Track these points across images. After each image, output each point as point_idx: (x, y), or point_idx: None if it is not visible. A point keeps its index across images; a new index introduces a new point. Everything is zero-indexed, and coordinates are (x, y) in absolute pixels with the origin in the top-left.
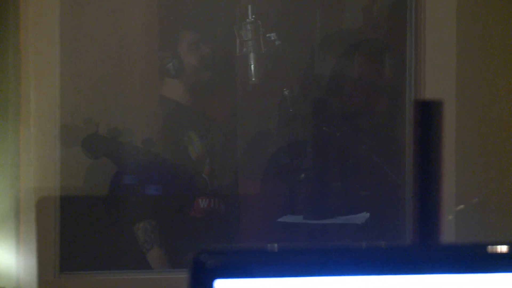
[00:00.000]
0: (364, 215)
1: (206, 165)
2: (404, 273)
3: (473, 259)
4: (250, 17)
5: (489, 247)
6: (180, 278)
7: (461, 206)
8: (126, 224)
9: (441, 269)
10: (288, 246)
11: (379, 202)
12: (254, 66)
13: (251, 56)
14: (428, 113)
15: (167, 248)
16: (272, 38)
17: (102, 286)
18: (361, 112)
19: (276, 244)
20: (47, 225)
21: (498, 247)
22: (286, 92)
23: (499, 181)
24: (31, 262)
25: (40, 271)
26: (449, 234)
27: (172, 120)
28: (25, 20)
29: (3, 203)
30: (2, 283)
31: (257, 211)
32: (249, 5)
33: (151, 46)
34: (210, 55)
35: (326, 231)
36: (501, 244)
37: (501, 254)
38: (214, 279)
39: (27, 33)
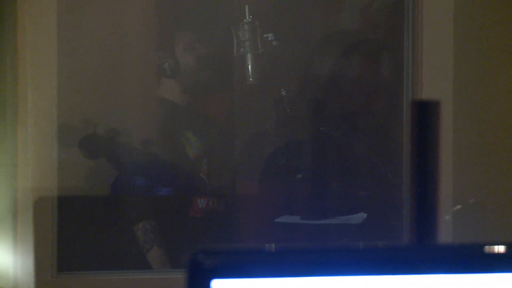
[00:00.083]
0: (361, 215)
1: (204, 165)
2: (401, 273)
3: (470, 259)
4: (247, 17)
5: (486, 247)
6: (179, 278)
7: (458, 206)
8: (124, 224)
9: (438, 269)
10: (286, 246)
11: (376, 202)
12: (251, 67)
13: (249, 57)
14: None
15: (167, 248)
16: (270, 38)
17: (100, 286)
18: (359, 112)
19: (273, 244)
20: (45, 225)
21: (495, 247)
22: (283, 93)
23: (496, 182)
24: (28, 262)
25: (38, 271)
26: (446, 234)
27: (170, 120)
28: (22, 20)
29: (0, 203)
30: None
31: (255, 211)
32: (247, 5)
33: (149, 46)
34: (207, 55)
35: (324, 231)
36: (498, 244)
37: (498, 254)
38: (211, 279)
39: (24, 33)
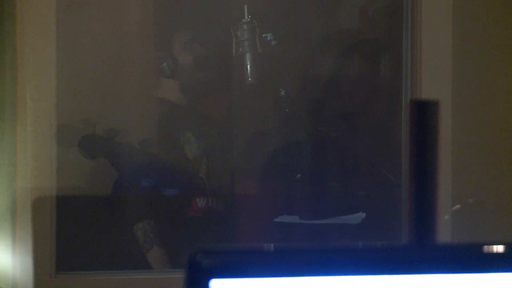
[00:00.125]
0: (360, 215)
1: (203, 164)
2: (400, 273)
3: (469, 259)
4: (246, 17)
5: (485, 247)
6: (179, 278)
7: (457, 206)
8: (123, 224)
9: (437, 269)
10: (284, 246)
11: (375, 202)
12: (250, 66)
13: (248, 56)
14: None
15: (167, 248)
16: (269, 38)
17: (98, 286)
18: (358, 112)
19: (272, 244)
20: (44, 225)
21: (494, 247)
22: (282, 92)
23: (495, 182)
24: (27, 262)
25: (36, 271)
26: (445, 234)
27: (169, 120)
28: (21, 20)
29: None
30: None
31: (254, 211)
32: (246, 5)
33: (148, 46)
34: (205, 55)
35: (323, 231)
36: (497, 244)
37: (497, 254)
38: (210, 279)
39: (23, 33)
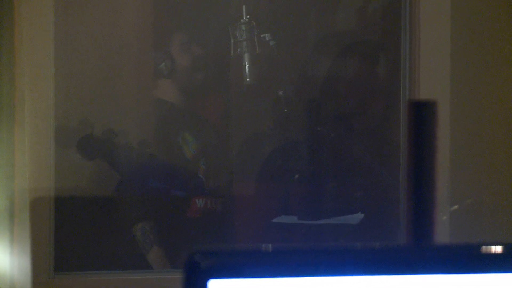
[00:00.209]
0: (358, 216)
1: (202, 165)
2: (398, 273)
3: (467, 260)
4: (244, 18)
5: (483, 247)
6: (177, 278)
7: (455, 206)
8: (121, 224)
9: (435, 270)
10: (282, 247)
11: (373, 203)
12: (248, 67)
13: (246, 57)
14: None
15: (166, 249)
16: (267, 38)
17: (96, 287)
18: (356, 113)
19: (270, 245)
20: (42, 226)
21: (492, 247)
22: (280, 93)
23: (493, 182)
24: (25, 263)
25: (35, 271)
26: (443, 234)
27: (167, 121)
28: (19, 21)
29: None
30: None
31: (252, 212)
32: (244, 6)
33: (146, 47)
34: (203, 56)
35: (321, 231)
36: (495, 244)
37: (495, 255)
38: (208, 280)
39: (22, 34)
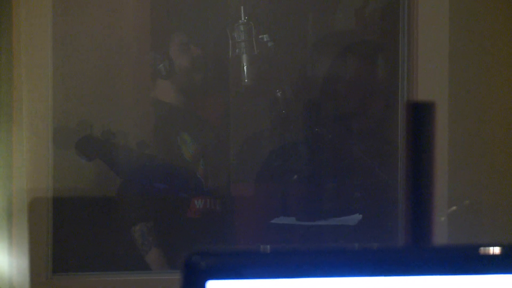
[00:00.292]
0: (356, 217)
1: (201, 165)
2: (396, 274)
3: (465, 261)
4: (242, 18)
5: (481, 248)
6: (176, 279)
7: (454, 207)
8: (119, 225)
9: (433, 271)
10: (280, 248)
11: (372, 204)
12: (246, 68)
13: (244, 58)
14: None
15: (165, 250)
16: (265, 39)
17: (95, 287)
18: (354, 113)
19: (268, 246)
20: (40, 226)
21: (490, 248)
22: (278, 94)
23: (492, 183)
24: (23, 264)
25: (33, 272)
26: (441, 235)
27: (165, 121)
28: (17, 21)
29: None
30: None
31: (251, 212)
32: (242, 6)
33: (144, 48)
34: (202, 56)
35: (319, 232)
36: (493, 245)
37: (493, 256)
38: (206, 280)
39: (19, 34)
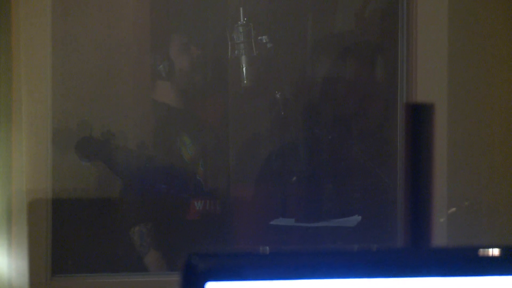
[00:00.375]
0: (356, 218)
1: (200, 167)
2: (396, 276)
3: (464, 262)
4: (242, 20)
5: (480, 250)
6: (175, 280)
7: (453, 209)
8: (118, 227)
9: (432, 272)
10: (279, 249)
11: (371, 205)
12: (246, 69)
13: (243, 59)
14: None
15: (164, 251)
16: (264, 40)
17: None
18: (353, 114)
19: (267, 247)
20: (39, 228)
21: (490, 250)
22: (278, 95)
23: (491, 184)
24: (23, 265)
25: (32, 274)
26: (440, 237)
27: (165, 123)
28: (16, 22)
29: None
30: None
31: (250, 214)
32: (241, 8)
33: (144, 49)
34: (201, 58)
35: (318, 234)
36: (492, 247)
37: (492, 257)
38: (205, 282)
39: (18, 35)
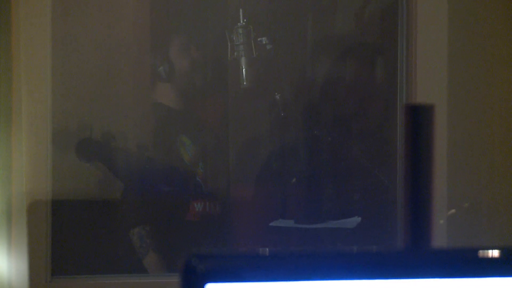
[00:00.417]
0: (355, 219)
1: (200, 168)
2: (396, 277)
3: (464, 264)
4: (241, 21)
5: (480, 251)
6: (174, 282)
7: (453, 210)
8: (118, 228)
9: (432, 274)
10: (279, 251)
11: (370, 206)
12: (245, 70)
13: (243, 60)
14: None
15: (164, 253)
16: (264, 42)
17: None
18: (353, 116)
19: (267, 249)
20: (39, 229)
21: (489, 251)
22: (277, 96)
23: (491, 186)
24: (22, 266)
25: (32, 275)
26: (440, 238)
27: (165, 124)
28: (16, 23)
29: None
30: None
31: (249, 215)
32: (241, 9)
33: (144, 50)
34: (201, 59)
35: (318, 235)
36: (493, 248)
37: (493, 259)
38: (205, 283)
39: (18, 36)
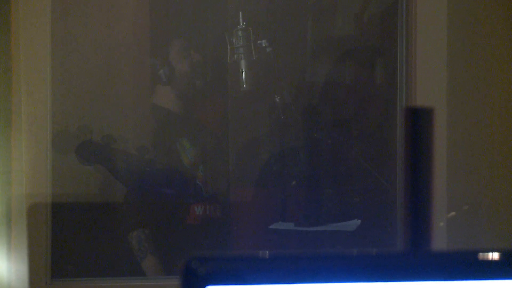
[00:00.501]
0: (355, 222)
1: (200, 171)
2: (395, 280)
3: (464, 266)
4: (241, 24)
5: (480, 254)
6: (173, 285)
7: (452, 213)
8: (118, 231)
9: (432, 276)
10: (279, 253)
11: (370, 209)
12: (245, 73)
13: (242, 63)
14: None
15: (162, 256)
16: (263, 44)
17: None
18: (353, 118)
19: (267, 251)
20: (39, 232)
21: (489, 254)
22: (277, 99)
23: (491, 188)
24: (22, 269)
25: (32, 278)
26: (440, 241)
27: (165, 127)
28: (16, 23)
29: None
30: None
31: (249, 218)
32: (240, 12)
33: (144, 53)
34: (201, 62)
35: (318, 238)
36: (492, 251)
37: (492, 261)
38: (205, 286)
39: (18, 38)
